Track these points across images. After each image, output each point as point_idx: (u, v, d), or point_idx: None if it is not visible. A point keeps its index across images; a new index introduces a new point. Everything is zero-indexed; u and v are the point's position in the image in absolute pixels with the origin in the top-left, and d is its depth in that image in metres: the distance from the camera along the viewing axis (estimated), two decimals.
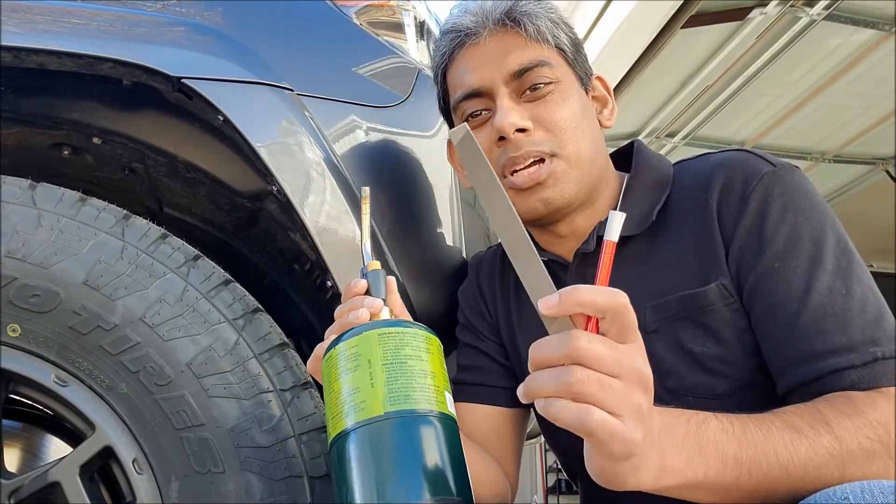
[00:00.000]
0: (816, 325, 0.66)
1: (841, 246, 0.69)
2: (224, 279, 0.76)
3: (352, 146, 0.85)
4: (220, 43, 0.81)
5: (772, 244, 0.70)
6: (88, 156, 0.91)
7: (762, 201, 0.71)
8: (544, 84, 0.78)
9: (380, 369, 0.56)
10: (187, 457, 0.69)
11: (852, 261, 0.69)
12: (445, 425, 0.55)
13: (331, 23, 0.90)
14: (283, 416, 0.72)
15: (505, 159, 0.78)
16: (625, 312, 0.47)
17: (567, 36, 0.82)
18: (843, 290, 0.67)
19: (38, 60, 0.75)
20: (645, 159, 0.85)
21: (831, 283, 0.67)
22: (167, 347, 0.70)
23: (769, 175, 0.73)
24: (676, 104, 3.76)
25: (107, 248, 0.72)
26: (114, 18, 0.79)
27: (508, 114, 0.77)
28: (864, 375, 0.63)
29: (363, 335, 0.58)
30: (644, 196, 0.80)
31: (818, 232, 0.69)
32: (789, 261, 0.69)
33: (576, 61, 0.83)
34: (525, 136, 0.77)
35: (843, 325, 0.65)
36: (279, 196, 0.79)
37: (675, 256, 0.76)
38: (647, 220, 0.78)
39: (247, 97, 0.78)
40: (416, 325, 0.61)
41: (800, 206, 0.71)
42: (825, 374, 0.65)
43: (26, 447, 0.94)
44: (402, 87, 0.91)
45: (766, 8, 3.02)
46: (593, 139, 0.80)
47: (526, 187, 0.78)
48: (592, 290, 0.47)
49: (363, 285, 0.69)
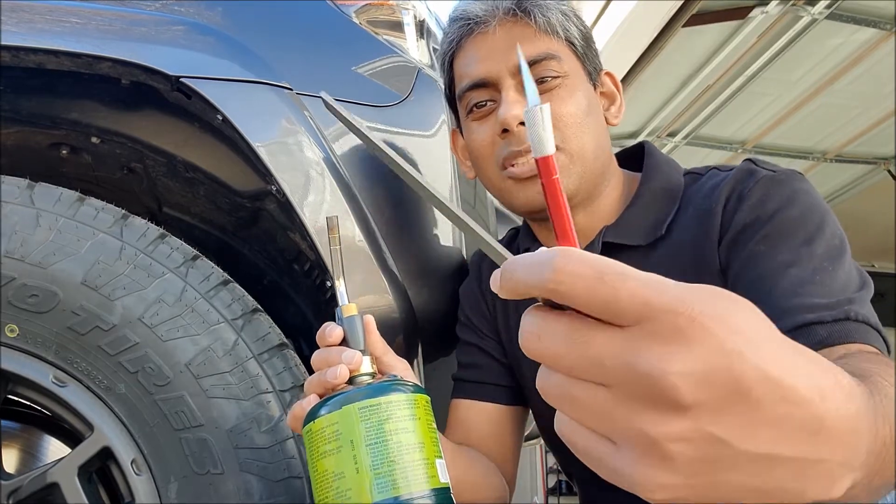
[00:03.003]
0: (793, 289, 0.64)
1: (835, 242, 0.68)
2: (223, 279, 0.76)
3: (351, 146, 0.85)
4: (220, 42, 0.81)
5: (762, 230, 0.69)
6: (87, 155, 0.90)
7: (758, 199, 0.71)
8: (551, 78, 0.77)
9: (363, 451, 0.52)
10: (186, 458, 0.69)
11: (844, 254, 0.68)
12: (438, 501, 0.53)
13: (330, 22, 0.90)
14: (283, 417, 0.72)
15: (507, 152, 0.78)
16: (578, 286, 0.27)
17: (578, 29, 0.81)
18: (829, 269, 0.65)
19: (37, 60, 0.75)
20: (656, 165, 0.83)
21: (818, 264, 0.65)
22: (166, 348, 0.70)
23: (768, 176, 0.72)
24: (677, 104, 3.76)
25: (105, 248, 0.72)
26: (113, 18, 0.79)
27: (512, 106, 0.76)
28: (834, 332, 0.60)
29: (343, 410, 0.54)
30: (654, 205, 0.79)
31: (813, 227, 0.68)
32: (778, 246, 0.68)
33: (585, 56, 0.81)
34: None
35: (820, 291, 0.63)
36: (278, 196, 0.79)
37: (678, 263, 0.75)
38: (656, 232, 0.77)
39: (246, 96, 0.78)
40: (399, 389, 0.56)
41: (796, 202, 0.70)
42: (792, 329, 0.61)
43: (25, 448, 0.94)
44: (402, 87, 0.91)
45: (767, 7, 3.02)
46: (598, 136, 0.79)
47: (524, 177, 0.77)
48: (524, 267, 0.29)
49: (338, 334, 0.63)
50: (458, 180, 0.98)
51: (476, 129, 0.81)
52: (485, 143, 0.80)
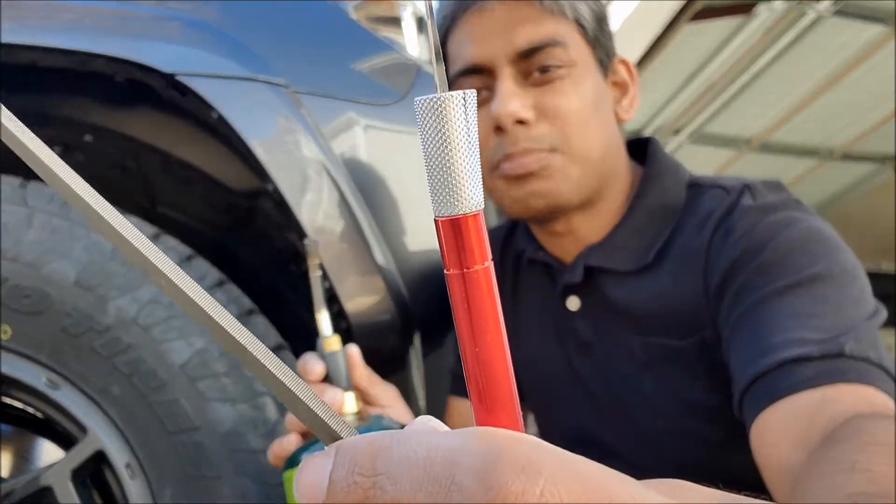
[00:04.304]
0: (782, 323, 0.56)
1: (836, 269, 0.60)
2: (218, 280, 0.75)
3: (349, 144, 0.84)
4: (215, 39, 0.80)
5: (752, 263, 0.62)
6: (80, 154, 0.90)
7: (745, 230, 0.64)
8: (555, 67, 0.68)
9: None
10: (181, 461, 0.68)
11: (849, 283, 0.60)
12: None
13: (328, 18, 0.89)
14: (279, 420, 0.71)
15: (500, 155, 0.70)
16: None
17: (590, 9, 0.71)
18: (829, 299, 0.58)
19: (30, 57, 0.74)
20: (657, 175, 0.74)
21: (817, 294, 0.58)
22: (161, 350, 0.69)
23: (755, 206, 0.65)
24: (682, 100, 3.74)
25: (99, 248, 0.71)
26: (107, 14, 0.78)
27: (508, 101, 0.67)
28: (824, 371, 0.52)
29: None
30: (647, 226, 0.72)
31: (809, 254, 0.61)
32: (769, 277, 0.60)
33: (597, 40, 0.72)
34: (525, 128, 0.68)
35: (816, 324, 0.56)
36: (274, 195, 0.78)
37: (663, 299, 0.69)
38: (644, 258, 0.70)
39: (242, 94, 0.77)
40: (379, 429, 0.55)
41: (787, 230, 0.62)
42: (774, 368, 0.54)
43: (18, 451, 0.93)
44: (400, 84, 0.90)
45: (772, 3, 2.99)
46: (605, 134, 0.71)
47: (514, 174, 0.69)
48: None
49: (320, 371, 0.59)
50: None
51: None
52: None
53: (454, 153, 0.20)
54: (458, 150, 0.20)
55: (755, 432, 0.55)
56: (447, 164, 0.20)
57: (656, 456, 0.74)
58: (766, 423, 0.54)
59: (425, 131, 0.20)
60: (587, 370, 0.77)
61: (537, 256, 0.79)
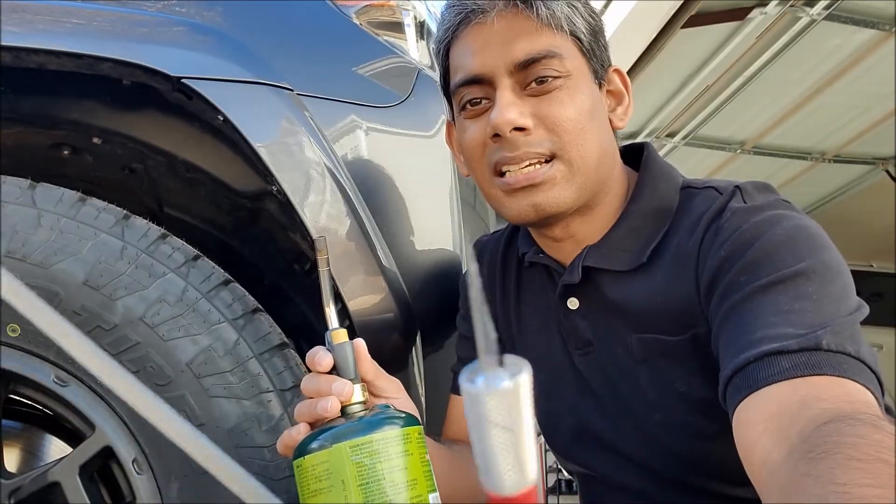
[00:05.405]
0: (765, 319, 0.58)
1: (820, 267, 0.61)
2: (224, 279, 0.76)
3: (352, 146, 0.85)
4: (220, 43, 0.81)
5: (740, 262, 0.63)
6: (88, 156, 0.91)
7: (733, 230, 0.66)
8: (552, 78, 0.71)
9: (355, 492, 0.51)
10: (187, 456, 0.68)
11: (833, 280, 0.61)
12: None
13: (331, 22, 0.90)
14: (284, 417, 0.72)
15: (499, 157, 0.72)
16: None
17: (585, 22, 0.74)
18: (812, 296, 0.59)
19: (38, 60, 0.75)
20: (651, 179, 0.77)
21: (801, 291, 0.59)
22: (167, 347, 0.70)
23: (743, 207, 0.67)
24: (676, 104, 3.76)
25: (107, 248, 0.72)
26: (114, 18, 0.79)
27: (506, 110, 0.70)
28: (800, 363, 0.54)
29: (333, 449, 0.53)
30: (641, 228, 0.74)
31: (796, 252, 0.62)
32: (755, 275, 0.62)
33: (592, 52, 0.74)
34: (523, 135, 0.71)
35: (797, 320, 0.57)
36: (279, 196, 0.79)
37: (657, 298, 0.71)
38: (638, 259, 0.73)
39: (247, 97, 0.78)
40: (391, 423, 0.55)
41: (774, 228, 0.64)
42: (752, 361, 0.56)
43: (26, 447, 0.94)
44: (402, 87, 0.91)
45: (766, 8, 3.02)
46: (601, 141, 0.73)
47: (518, 186, 0.71)
48: None
49: (328, 362, 0.61)
50: (458, 181, 0.98)
51: (469, 127, 0.75)
52: (476, 144, 0.74)
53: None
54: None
55: (736, 422, 0.57)
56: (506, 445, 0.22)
57: (654, 449, 0.75)
58: (746, 413, 0.56)
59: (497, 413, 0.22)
60: (587, 367, 0.79)
61: (538, 259, 0.81)
